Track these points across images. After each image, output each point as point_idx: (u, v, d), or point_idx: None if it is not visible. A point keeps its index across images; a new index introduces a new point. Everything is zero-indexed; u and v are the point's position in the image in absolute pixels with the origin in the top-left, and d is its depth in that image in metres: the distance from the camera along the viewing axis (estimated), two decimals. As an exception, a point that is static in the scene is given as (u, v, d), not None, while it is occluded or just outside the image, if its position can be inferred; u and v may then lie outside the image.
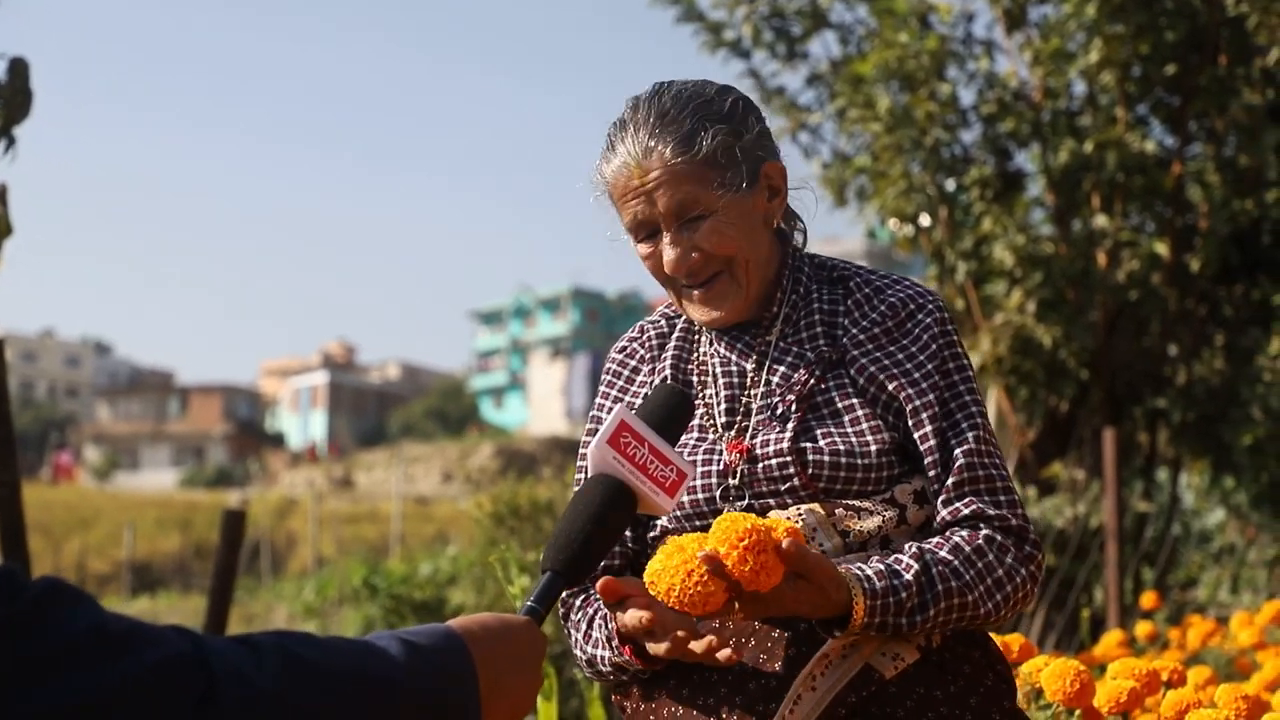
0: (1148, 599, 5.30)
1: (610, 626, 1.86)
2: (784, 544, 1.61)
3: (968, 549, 1.80)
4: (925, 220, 7.78)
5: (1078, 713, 2.18)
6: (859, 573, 1.73)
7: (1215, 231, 7.34)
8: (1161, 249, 7.53)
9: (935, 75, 7.46)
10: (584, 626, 1.94)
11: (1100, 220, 7.53)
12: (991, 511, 1.83)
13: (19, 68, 3.68)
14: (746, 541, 1.59)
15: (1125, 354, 7.78)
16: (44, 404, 69.40)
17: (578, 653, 1.95)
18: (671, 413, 1.70)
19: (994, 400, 8.38)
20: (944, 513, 1.85)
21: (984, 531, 1.82)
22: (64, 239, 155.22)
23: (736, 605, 1.63)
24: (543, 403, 60.52)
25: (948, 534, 1.83)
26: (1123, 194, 7.60)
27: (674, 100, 1.89)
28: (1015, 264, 7.42)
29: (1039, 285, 7.38)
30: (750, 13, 8.09)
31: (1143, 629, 4.60)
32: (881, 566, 1.75)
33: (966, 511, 1.83)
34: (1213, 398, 7.64)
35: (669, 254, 1.89)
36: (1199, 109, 7.63)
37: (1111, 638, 4.31)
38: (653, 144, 1.86)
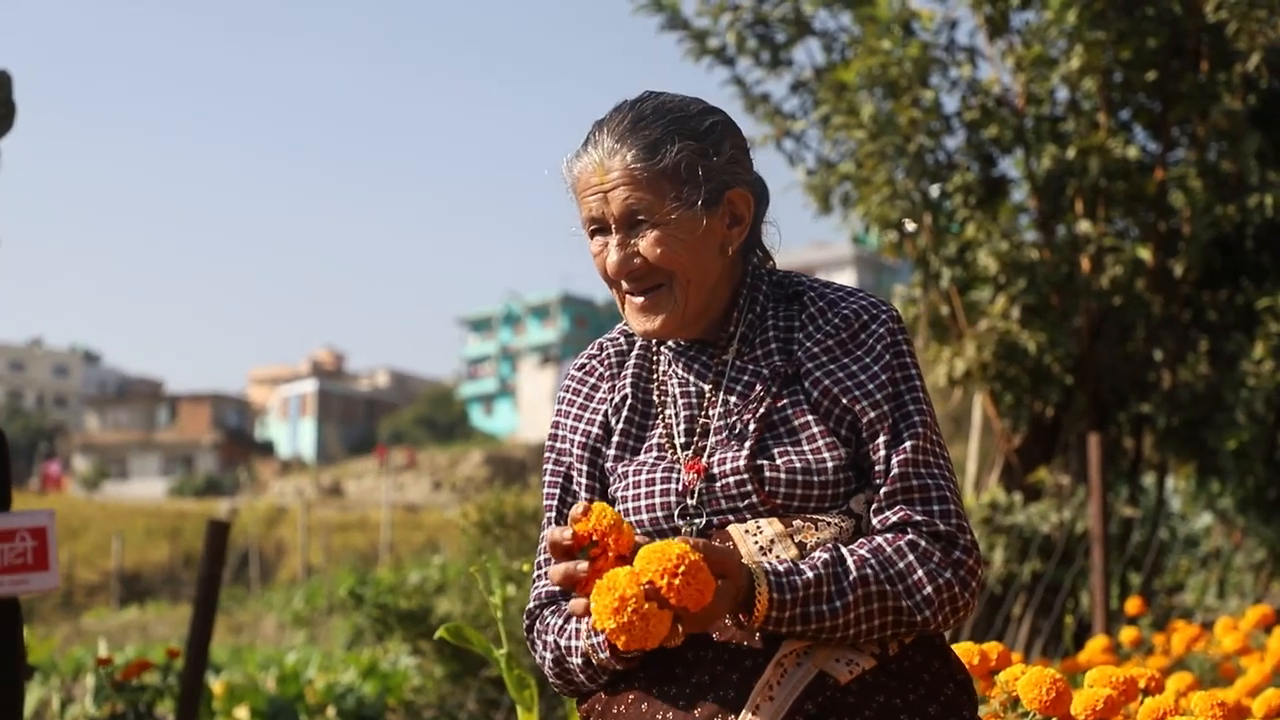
0: (1133, 604, 5.30)
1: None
2: (696, 550, 1.67)
3: (888, 550, 1.83)
4: (910, 226, 7.79)
5: (1054, 720, 2.19)
6: (763, 563, 1.78)
7: (1198, 236, 7.36)
8: (1145, 254, 7.55)
9: (918, 82, 7.48)
10: (560, 621, 1.95)
11: (1084, 226, 7.55)
12: (918, 518, 1.86)
13: (1, 81, 3.68)
14: (683, 568, 1.62)
15: (1110, 359, 7.80)
16: (32, 413, 69.08)
17: (546, 654, 1.95)
18: None
19: (979, 406, 8.40)
20: (874, 521, 1.88)
21: (908, 536, 1.85)
22: (52, 248, 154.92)
23: (680, 629, 1.67)
24: (532, 409, 60.38)
25: (871, 537, 1.86)
26: (1106, 199, 7.63)
27: (654, 109, 1.92)
28: (999, 270, 7.44)
29: (1023, 291, 7.41)
30: (734, 20, 8.10)
31: (1128, 634, 4.61)
32: (786, 558, 1.81)
33: (894, 519, 1.87)
34: (1197, 402, 7.66)
35: (612, 255, 1.92)
36: (1181, 114, 7.66)
37: (1096, 644, 4.31)
38: (619, 146, 1.89)
